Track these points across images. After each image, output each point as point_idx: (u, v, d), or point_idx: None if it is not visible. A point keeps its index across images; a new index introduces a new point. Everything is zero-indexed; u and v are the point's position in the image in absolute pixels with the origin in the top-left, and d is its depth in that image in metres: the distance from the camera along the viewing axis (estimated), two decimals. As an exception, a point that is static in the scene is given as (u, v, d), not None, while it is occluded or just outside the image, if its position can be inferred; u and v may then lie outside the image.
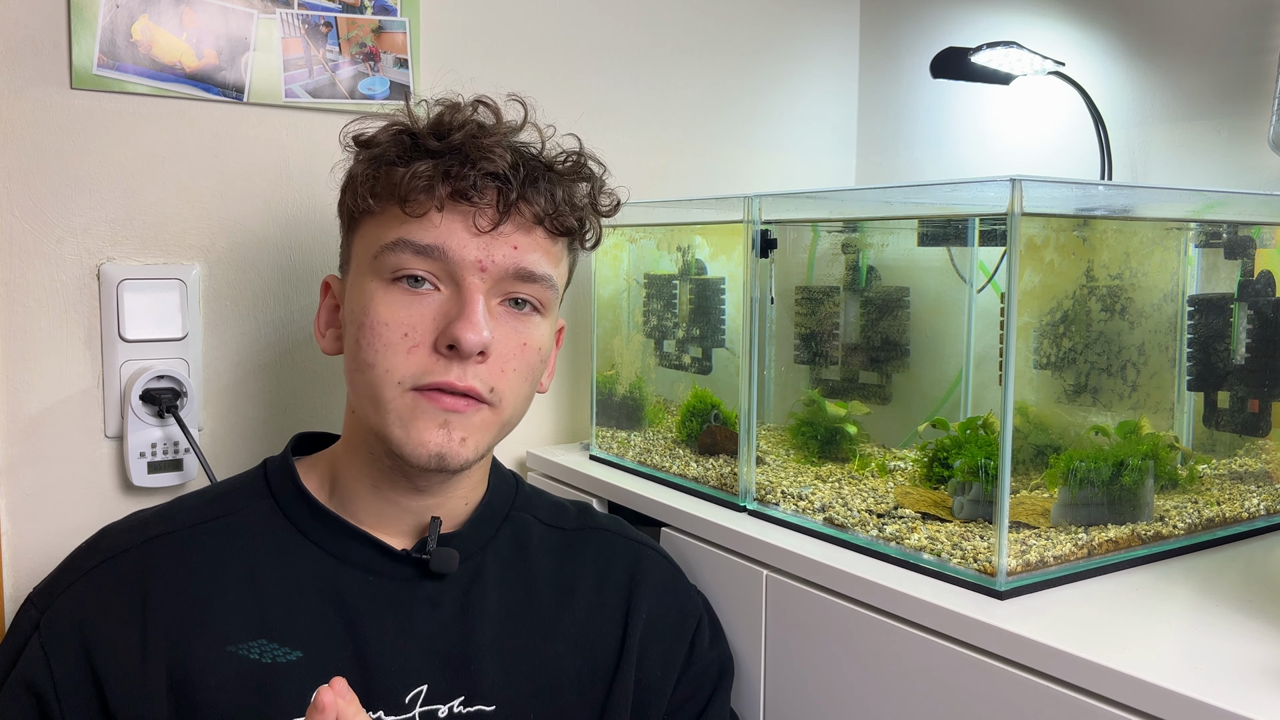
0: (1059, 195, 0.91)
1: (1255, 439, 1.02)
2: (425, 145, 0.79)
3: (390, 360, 0.77)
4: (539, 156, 0.83)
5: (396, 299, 0.78)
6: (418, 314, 0.78)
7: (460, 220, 0.78)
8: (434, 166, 0.77)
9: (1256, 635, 0.70)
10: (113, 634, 0.76)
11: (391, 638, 0.79)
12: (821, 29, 1.53)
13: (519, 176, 0.79)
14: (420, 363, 0.77)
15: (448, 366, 0.77)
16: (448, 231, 0.78)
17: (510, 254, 0.79)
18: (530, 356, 0.82)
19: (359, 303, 0.80)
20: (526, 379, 0.82)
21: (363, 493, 0.83)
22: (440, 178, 0.77)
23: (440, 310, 0.78)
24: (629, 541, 0.94)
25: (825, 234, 1.11)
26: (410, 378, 0.77)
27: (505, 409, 0.81)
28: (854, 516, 0.91)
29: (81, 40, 0.99)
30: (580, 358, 1.34)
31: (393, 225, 0.79)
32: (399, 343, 0.77)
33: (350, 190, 0.83)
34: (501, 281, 0.79)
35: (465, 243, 0.78)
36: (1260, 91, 1.09)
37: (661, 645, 0.89)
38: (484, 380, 0.78)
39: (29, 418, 1.00)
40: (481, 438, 0.80)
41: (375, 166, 0.80)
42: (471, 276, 0.78)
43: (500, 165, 0.78)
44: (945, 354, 1.08)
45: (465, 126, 0.80)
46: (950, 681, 0.75)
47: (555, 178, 0.82)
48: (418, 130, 0.81)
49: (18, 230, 0.99)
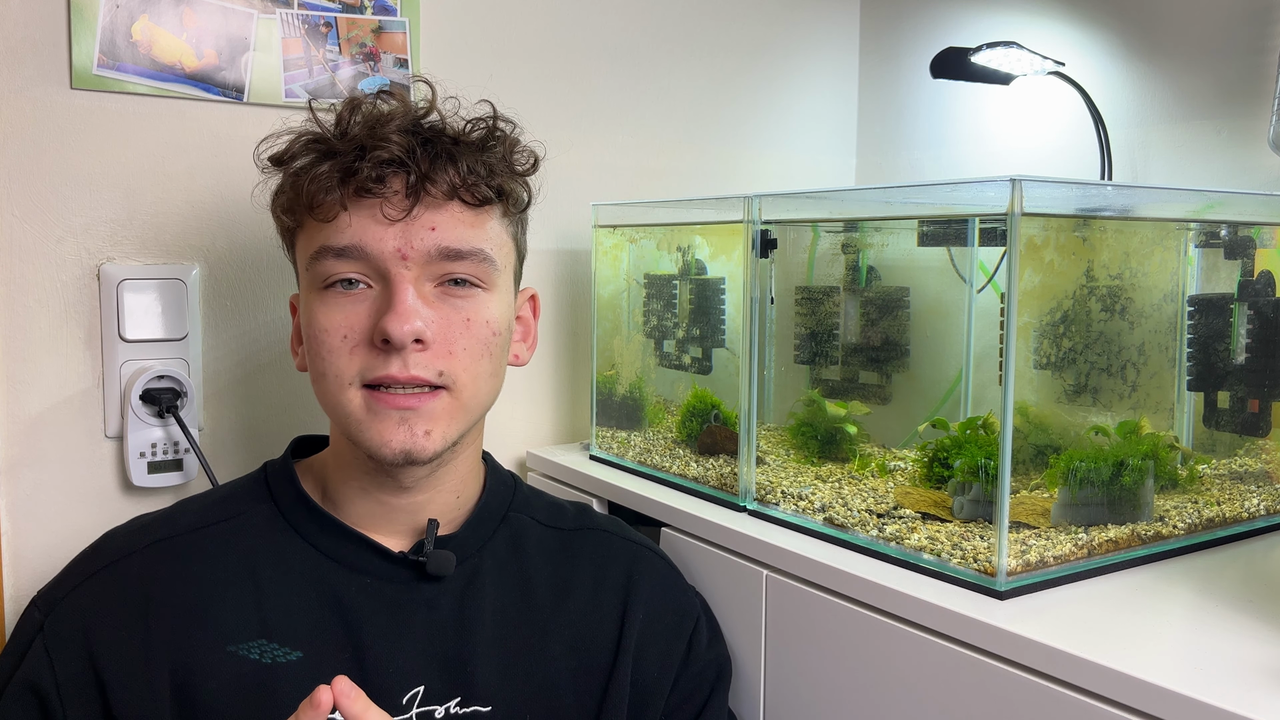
0: (1059, 195, 0.91)
1: (1255, 439, 1.02)
2: (331, 148, 0.78)
3: (336, 364, 0.78)
4: (443, 131, 0.81)
5: (332, 304, 0.78)
6: (354, 314, 0.78)
7: (369, 214, 0.77)
8: (331, 166, 0.77)
9: (1256, 635, 0.70)
10: (116, 637, 0.76)
11: (389, 639, 0.80)
12: (821, 29, 1.53)
13: (419, 157, 0.77)
14: (362, 360, 0.77)
15: (388, 360, 0.77)
16: (360, 229, 0.77)
17: (429, 236, 0.78)
18: (479, 332, 0.80)
19: (306, 316, 0.81)
20: (482, 355, 0.81)
21: (354, 496, 0.84)
22: (339, 177, 0.77)
23: (374, 307, 0.78)
24: (626, 542, 0.94)
25: (825, 234, 1.11)
26: (356, 376, 0.78)
27: (464, 390, 0.80)
28: (854, 516, 0.91)
29: (81, 40, 0.99)
30: (580, 358, 1.34)
31: (313, 235, 0.79)
32: (340, 345, 0.78)
33: (274, 210, 0.83)
34: (429, 265, 0.78)
35: (380, 236, 0.77)
36: (1260, 91, 1.09)
37: (658, 646, 0.89)
38: (429, 366, 0.78)
39: (29, 418, 1.00)
40: (447, 426, 0.79)
41: (289, 180, 0.80)
42: (395, 267, 0.77)
43: (395, 150, 0.76)
44: (945, 354, 1.08)
45: (365, 120, 0.79)
46: (950, 681, 0.75)
47: (461, 149, 0.79)
48: (324, 133, 0.80)
49: (18, 230, 0.99)
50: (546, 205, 1.14)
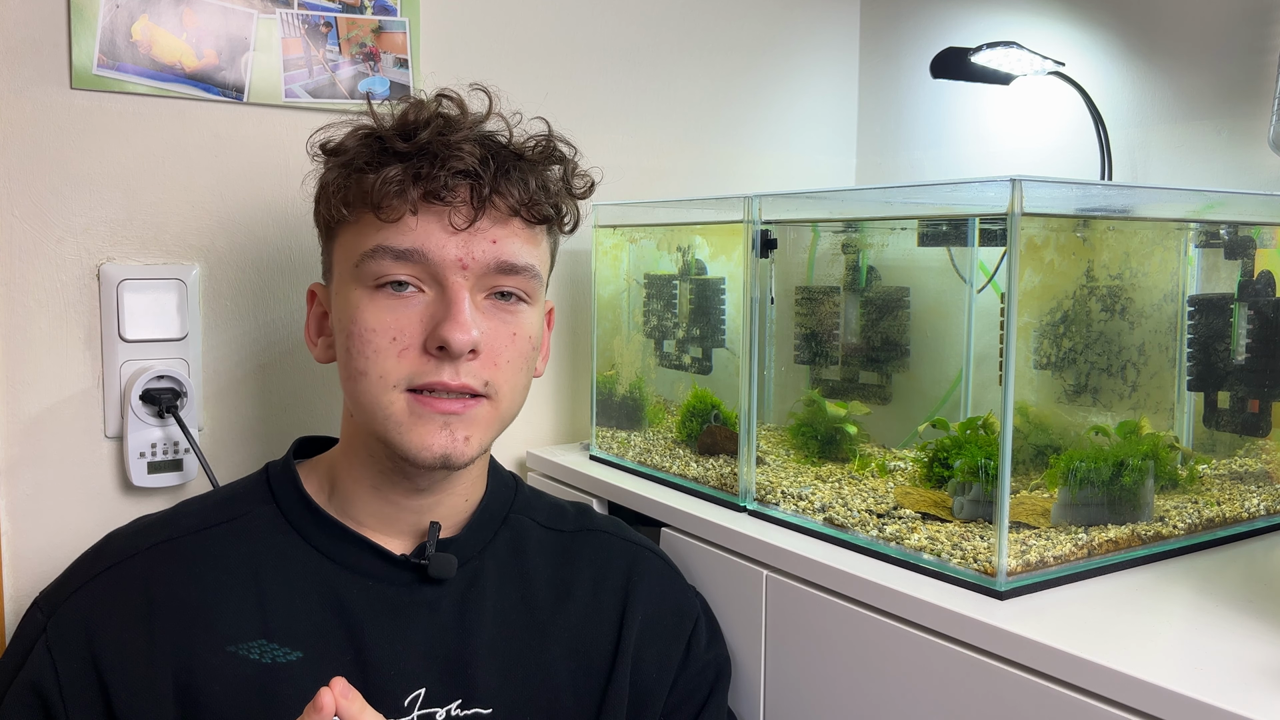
0: (1059, 195, 0.91)
1: (1255, 439, 1.02)
2: (393, 147, 0.79)
3: (382, 365, 0.78)
4: (508, 146, 0.82)
5: (382, 304, 0.78)
6: (405, 317, 0.78)
7: (436, 220, 0.78)
8: (404, 170, 0.77)
9: (1256, 635, 0.70)
10: (119, 639, 0.76)
11: (391, 641, 0.80)
12: (821, 29, 1.53)
13: (489, 170, 0.78)
14: (412, 364, 0.77)
15: (439, 367, 0.77)
16: (425, 233, 0.77)
17: (490, 248, 0.79)
18: (522, 346, 0.82)
19: (345, 311, 0.80)
20: (521, 369, 0.83)
21: (362, 494, 0.84)
22: (411, 180, 0.77)
23: (427, 312, 0.78)
24: (626, 543, 0.94)
25: (825, 234, 1.11)
26: (404, 379, 0.78)
27: (503, 401, 0.82)
28: (854, 516, 0.91)
29: (81, 40, 0.99)
30: (580, 358, 1.34)
31: (369, 232, 0.78)
32: (388, 347, 0.77)
33: (324, 200, 0.83)
34: (485, 276, 0.79)
35: (443, 242, 0.77)
36: (1260, 91, 1.09)
37: (657, 646, 0.89)
38: (477, 376, 0.79)
39: (29, 418, 1.00)
40: (485, 433, 0.81)
41: (345, 174, 0.80)
42: (454, 275, 0.78)
43: (470, 162, 0.77)
44: (945, 354, 1.08)
45: (430, 124, 0.79)
46: (950, 681, 0.75)
47: (526, 166, 0.81)
48: (384, 132, 0.80)
49: (18, 230, 0.99)
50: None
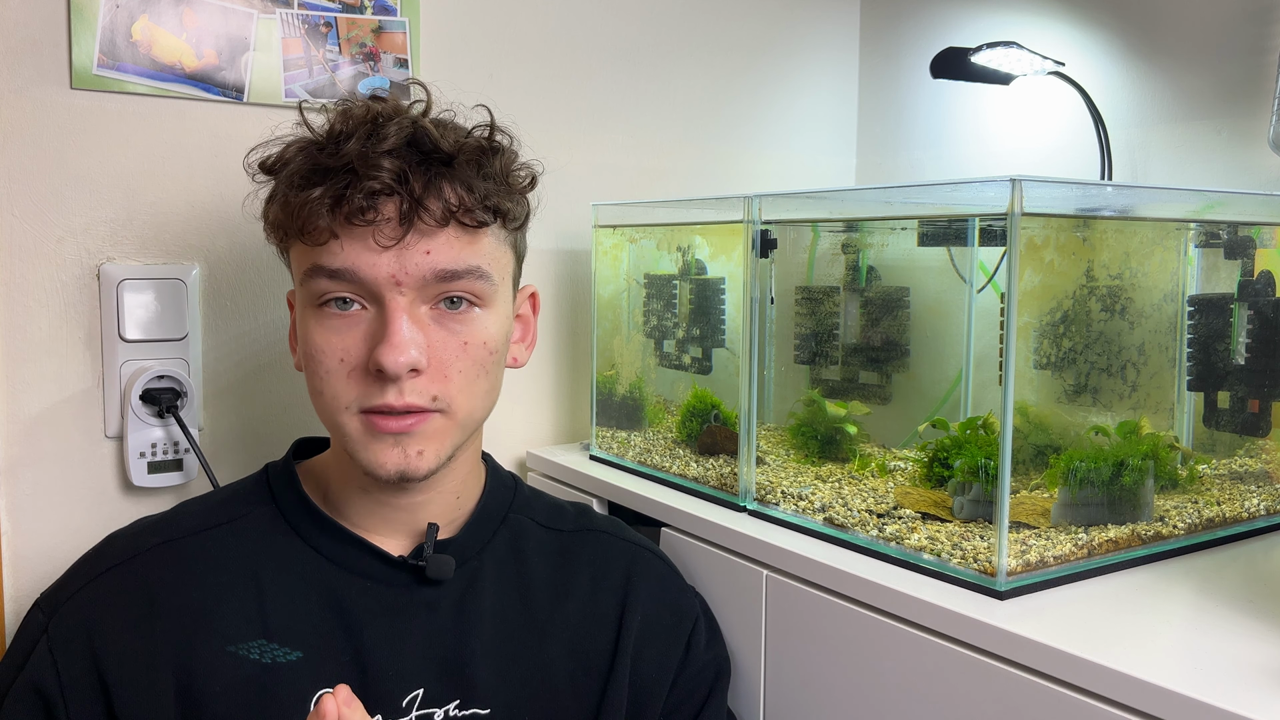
0: (1059, 195, 0.91)
1: (1255, 439, 1.02)
2: (323, 164, 0.76)
3: (334, 386, 0.77)
4: (437, 148, 0.76)
5: (328, 324, 0.77)
6: (349, 338, 0.77)
7: (360, 240, 0.74)
8: (323, 192, 0.74)
9: (1256, 635, 0.70)
10: (120, 640, 0.76)
11: (389, 642, 0.80)
12: (821, 29, 1.53)
13: (411, 184, 0.74)
14: (359, 386, 0.77)
15: (383, 388, 0.76)
16: (353, 254, 0.75)
17: (424, 260, 0.75)
18: (475, 354, 0.79)
19: (302, 330, 0.80)
20: (477, 376, 0.80)
21: (354, 496, 0.84)
22: (330, 203, 0.74)
23: (368, 331, 0.76)
24: (625, 543, 0.94)
25: (825, 234, 1.11)
26: (355, 401, 0.77)
27: (458, 412, 0.79)
28: (854, 516, 0.91)
29: (81, 40, 0.99)
30: (580, 358, 1.34)
31: (306, 252, 0.77)
32: (337, 369, 0.77)
33: (264, 219, 0.82)
34: (425, 288, 0.76)
35: (373, 261, 0.74)
36: (1260, 91, 1.09)
37: (657, 646, 0.89)
38: (423, 393, 0.77)
39: (29, 418, 1.00)
40: (440, 444, 0.79)
41: (280, 192, 0.78)
42: (389, 293, 0.75)
43: (386, 180, 0.73)
44: (945, 354, 1.08)
45: (355, 134, 0.76)
46: (950, 681, 0.75)
47: (456, 169, 0.76)
48: (312, 147, 0.77)
49: (18, 230, 0.99)
50: (546, 205, 1.14)
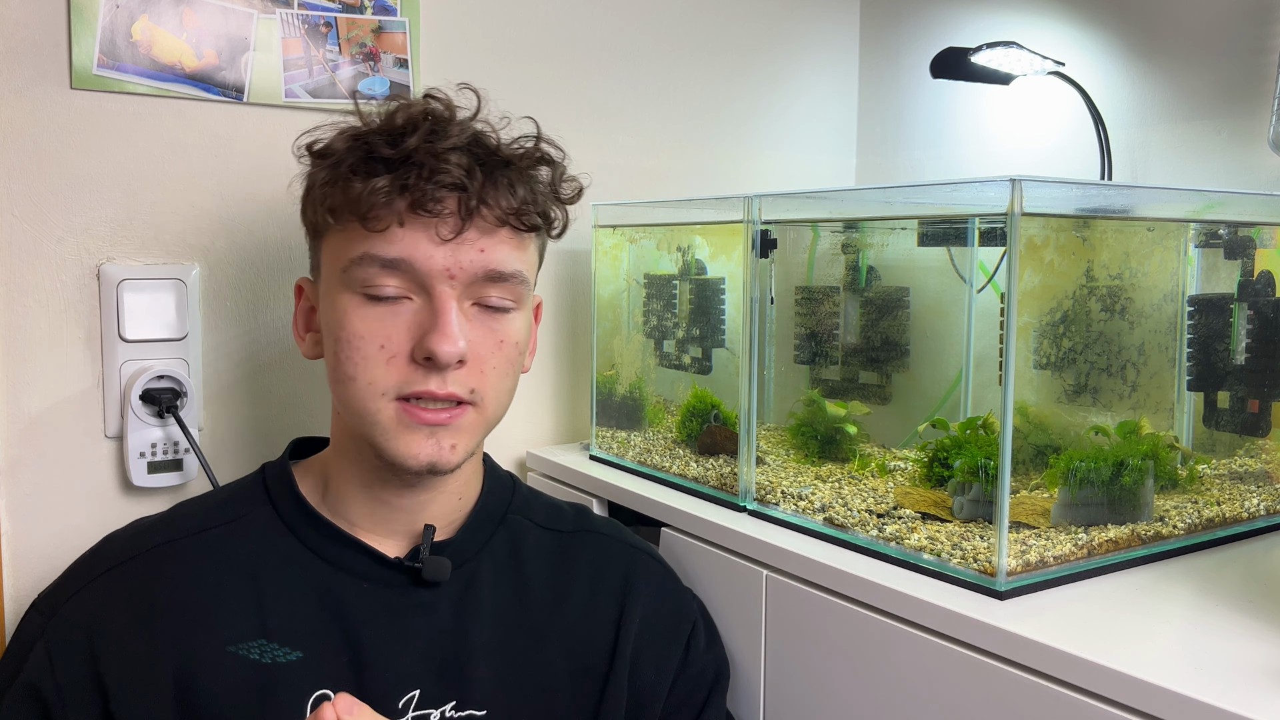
0: (1059, 195, 0.91)
1: (1255, 439, 1.02)
2: (380, 154, 0.78)
3: (370, 373, 0.77)
4: (497, 152, 0.81)
5: (370, 312, 0.78)
6: (392, 325, 0.78)
7: (423, 231, 0.77)
8: (391, 181, 0.76)
9: (1256, 635, 0.70)
10: (119, 641, 0.76)
11: (386, 643, 0.80)
12: (821, 29, 1.53)
13: (476, 181, 0.77)
14: (400, 373, 0.77)
15: (426, 376, 0.77)
16: (412, 243, 0.77)
17: (477, 257, 0.78)
18: (508, 352, 0.82)
19: (333, 315, 0.80)
20: (507, 374, 0.83)
21: (355, 494, 0.84)
22: (398, 191, 0.76)
23: (414, 320, 0.78)
24: (624, 545, 0.94)
25: (825, 234, 1.11)
26: (393, 388, 0.78)
27: (489, 407, 0.82)
28: (854, 516, 0.91)
29: (81, 40, 0.99)
30: (580, 358, 1.34)
31: (356, 239, 0.78)
32: (376, 355, 0.77)
33: (310, 203, 0.82)
34: (472, 285, 0.79)
35: (430, 253, 0.77)
36: (1260, 91, 1.09)
37: (655, 649, 0.89)
38: (464, 384, 0.79)
39: (29, 418, 1.00)
40: (470, 439, 0.81)
41: (332, 178, 0.79)
42: (441, 285, 0.77)
43: (457, 174, 0.76)
44: (945, 354, 1.08)
45: (418, 129, 0.78)
46: (950, 681, 0.75)
47: (514, 173, 0.80)
48: (370, 136, 0.79)
49: (18, 230, 0.99)
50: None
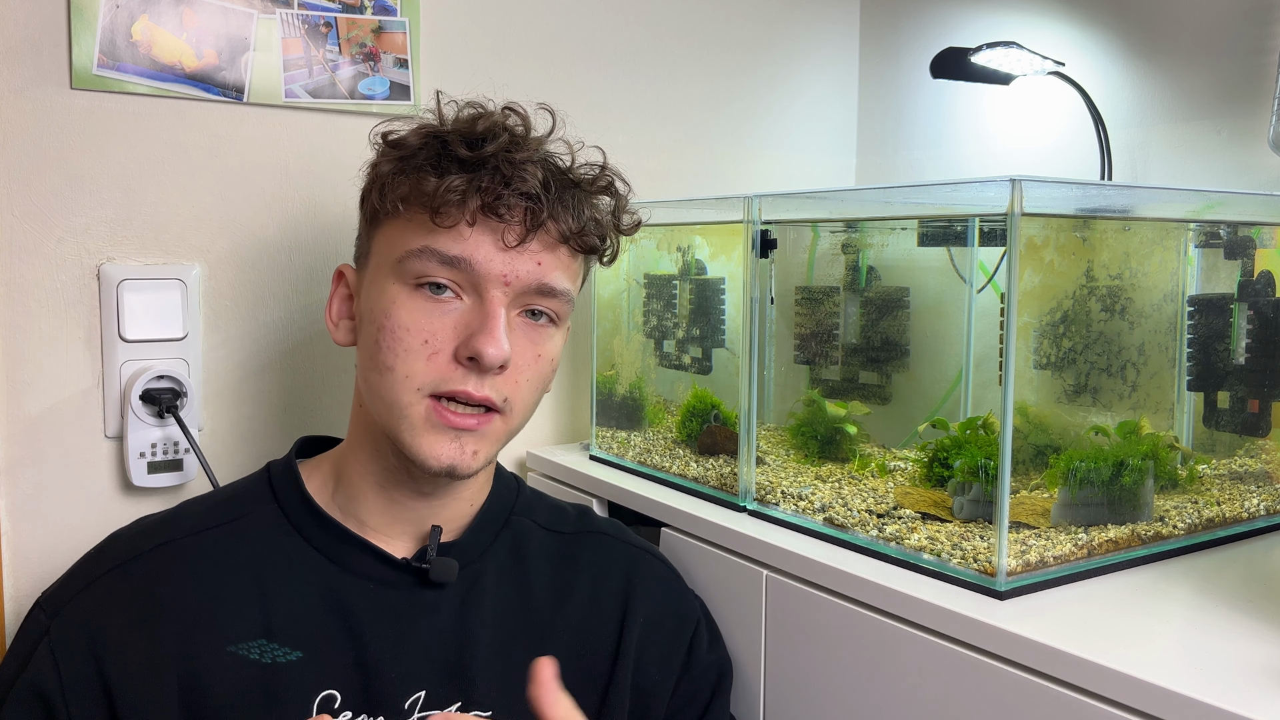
0: (1059, 195, 0.91)
1: (1255, 439, 1.02)
2: (456, 154, 0.79)
3: (410, 365, 0.78)
4: (568, 173, 0.83)
5: (419, 305, 0.78)
6: (439, 322, 0.78)
7: (489, 235, 0.78)
8: (468, 181, 0.77)
9: (1256, 635, 0.70)
10: (123, 640, 0.76)
11: (391, 644, 0.80)
12: (821, 29, 1.53)
13: (549, 195, 0.79)
14: (439, 370, 0.78)
15: (465, 376, 0.78)
16: (475, 245, 0.78)
17: (534, 269, 0.79)
18: (544, 367, 0.83)
19: (379, 304, 0.80)
20: (538, 388, 0.83)
21: (367, 492, 0.83)
22: (473, 192, 0.77)
23: (461, 320, 0.78)
24: (626, 546, 0.94)
25: (825, 234, 1.11)
26: (429, 384, 0.78)
27: (515, 418, 0.82)
28: (854, 516, 0.91)
29: (81, 40, 0.99)
30: (580, 358, 1.34)
31: (420, 232, 0.78)
32: (419, 349, 0.78)
33: (377, 190, 0.82)
34: (522, 295, 0.80)
35: (491, 256, 0.78)
36: (1260, 91, 1.09)
37: (658, 649, 0.89)
38: (499, 390, 0.79)
39: (29, 418, 1.00)
40: (493, 447, 0.81)
41: (402, 169, 0.80)
42: (495, 290, 0.78)
43: (533, 185, 0.78)
44: (945, 354, 1.08)
45: (497, 137, 0.80)
46: (950, 681, 0.75)
47: (582, 196, 0.82)
48: (448, 136, 0.80)
49: (18, 230, 0.99)
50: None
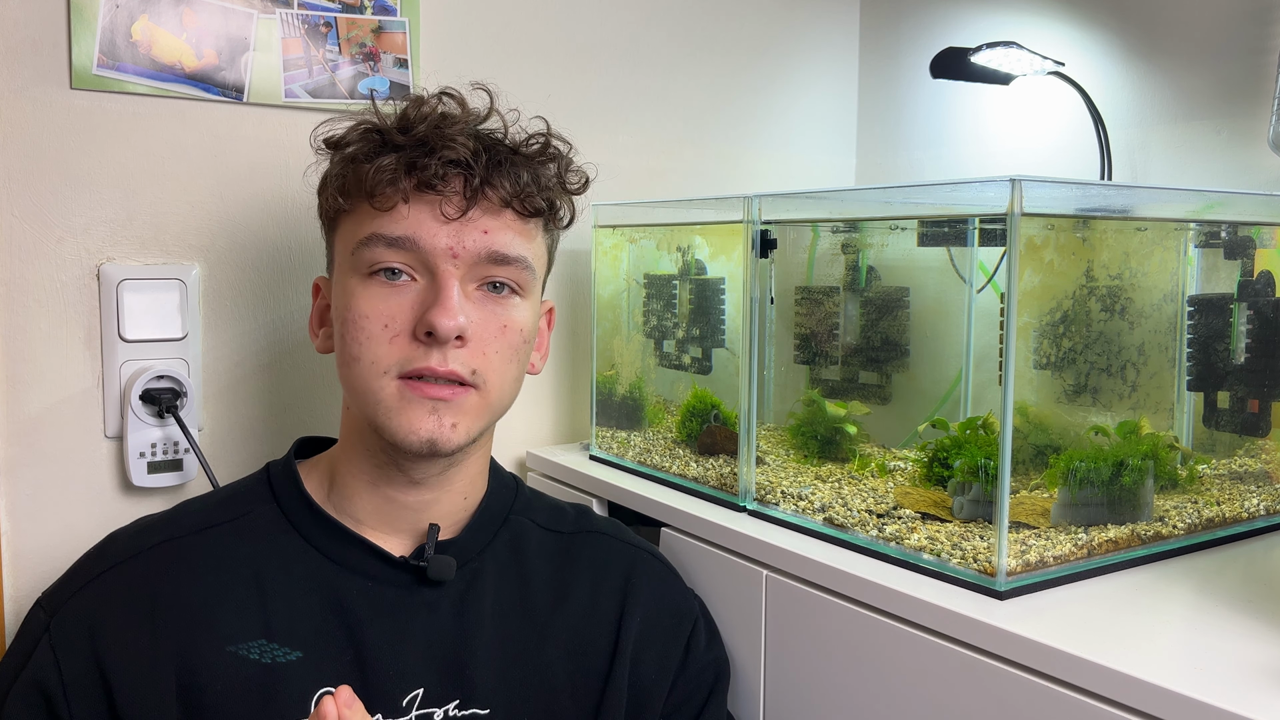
0: (1059, 195, 0.91)
1: (1255, 439, 1.02)
2: (391, 140, 0.80)
3: (374, 351, 0.79)
4: (503, 140, 0.84)
5: (375, 292, 0.79)
6: (396, 304, 0.79)
7: (428, 209, 0.79)
8: (398, 159, 0.79)
9: (1256, 635, 0.70)
10: (122, 638, 0.76)
11: (390, 642, 0.80)
12: (821, 29, 1.53)
13: (482, 162, 0.80)
14: (402, 350, 0.79)
15: (428, 352, 0.78)
16: (416, 221, 0.79)
17: (481, 238, 0.80)
18: (512, 338, 0.83)
19: (341, 300, 0.82)
20: (511, 360, 0.83)
21: (362, 491, 0.84)
22: (404, 169, 0.79)
23: (418, 299, 0.79)
24: (625, 545, 0.94)
25: (825, 234, 1.11)
26: (395, 365, 0.79)
27: (492, 392, 0.82)
28: (854, 516, 0.91)
29: (81, 40, 0.99)
30: (580, 358, 1.34)
31: (365, 221, 0.80)
32: (380, 334, 0.79)
33: (324, 191, 0.85)
34: (476, 266, 0.80)
35: (435, 231, 0.79)
36: (1260, 91, 1.09)
37: (656, 648, 0.89)
38: (465, 363, 0.79)
39: (29, 418, 1.00)
40: (472, 422, 0.81)
41: (345, 165, 0.82)
42: (444, 264, 0.79)
43: (462, 152, 0.79)
44: (945, 354, 1.08)
45: (429, 119, 0.81)
46: (950, 681, 0.75)
47: (520, 160, 0.83)
48: (384, 127, 0.82)
49: (18, 230, 0.99)
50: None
